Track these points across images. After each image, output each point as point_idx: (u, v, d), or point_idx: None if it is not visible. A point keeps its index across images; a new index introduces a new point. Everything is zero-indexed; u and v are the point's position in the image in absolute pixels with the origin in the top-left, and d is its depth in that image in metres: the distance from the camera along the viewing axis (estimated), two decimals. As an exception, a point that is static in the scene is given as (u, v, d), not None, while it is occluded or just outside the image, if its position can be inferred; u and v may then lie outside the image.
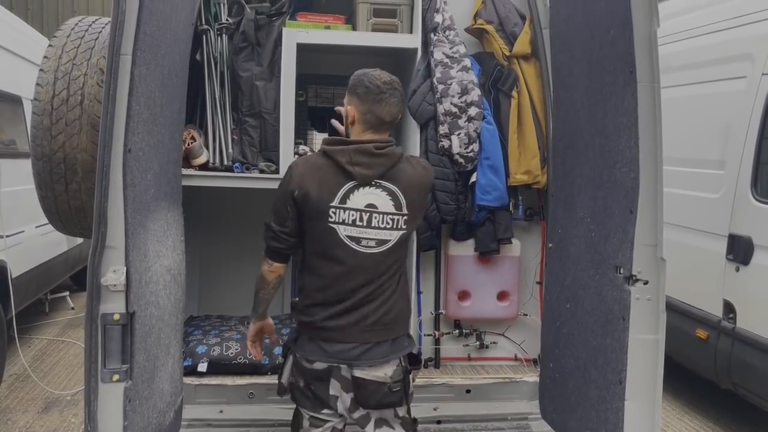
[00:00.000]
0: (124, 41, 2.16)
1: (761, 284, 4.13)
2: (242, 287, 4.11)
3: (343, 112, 2.55)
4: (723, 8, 4.69)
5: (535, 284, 3.70)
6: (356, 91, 2.50)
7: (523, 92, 3.52)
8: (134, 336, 2.26)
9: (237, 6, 3.50)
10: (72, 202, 2.86)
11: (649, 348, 2.46)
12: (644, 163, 2.44)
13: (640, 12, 2.41)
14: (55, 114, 2.74)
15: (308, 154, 2.75)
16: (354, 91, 2.51)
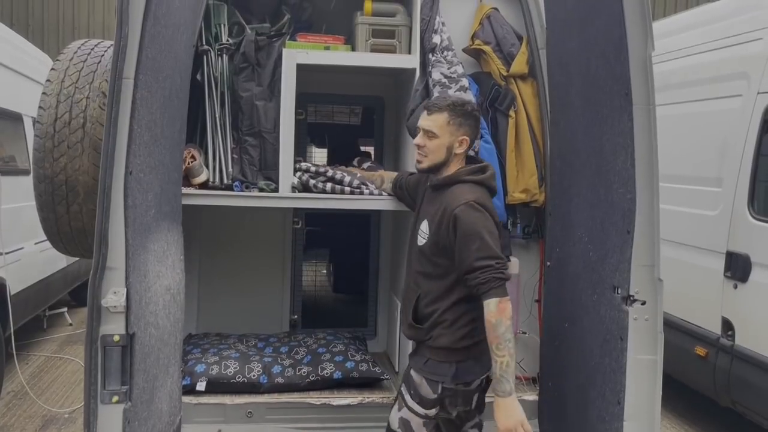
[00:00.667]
0: (126, 65, 2.19)
1: (759, 302, 4.14)
2: (241, 305, 4.14)
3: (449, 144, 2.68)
4: (718, 27, 4.74)
5: (533, 302, 3.70)
6: (468, 122, 2.70)
7: (520, 112, 3.55)
8: (134, 357, 2.27)
9: (237, 27, 3.54)
10: (73, 224, 2.88)
11: (648, 368, 2.47)
12: (641, 183, 2.46)
13: (635, 35, 2.45)
14: (57, 136, 2.78)
15: (465, 188, 2.64)
16: (465, 122, 2.69)
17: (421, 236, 2.72)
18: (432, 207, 2.73)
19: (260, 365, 3.46)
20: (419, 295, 2.72)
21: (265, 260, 4.18)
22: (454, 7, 3.60)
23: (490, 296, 2.46)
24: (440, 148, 2.70)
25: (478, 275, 2.47)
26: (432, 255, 2.67)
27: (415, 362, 2.75)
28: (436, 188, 2.77)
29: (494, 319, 2.45)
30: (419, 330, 2.71)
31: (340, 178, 3.42)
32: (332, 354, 3.61)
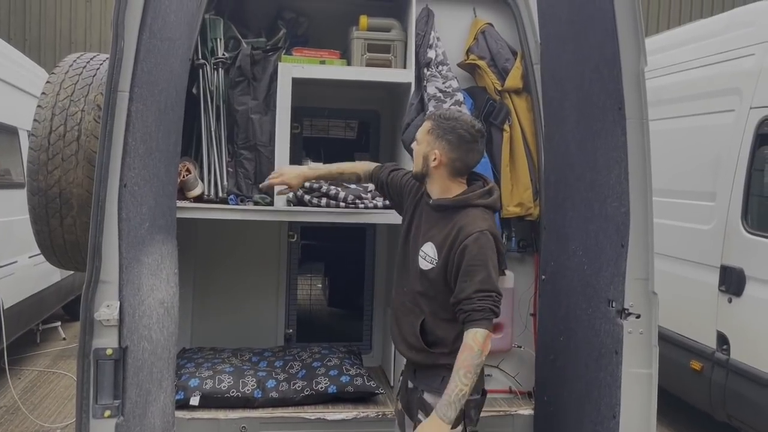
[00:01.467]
0: (122, 79, 2.20)
1: (754, 315, 4.15)
2: (236, 319, 4.12)
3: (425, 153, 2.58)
4: (710, 43, 4.79)
5: (528, 316, 3.70)
6: (447, 137, 2.54)
7: (514, 126, 3.57)
8: (127, 371, 2.26)
9: (233, 41, 3.56)
10: (67, 237, 2.87)
11: (643, 382, 2.47)
12: (635, 197, 2.47)
13: (628, 51, 2.47)
14: (51, 149, 2.77)
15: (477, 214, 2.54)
16: (444, 136, 2.54)
17: (426, 260, 2.58)
18: (438, 231, 2.59)
19: (254, 380, 3.44)
20: (424, 318, 2.61)
21: (260, 274, 4.17)
22: (449, 23, 3.64)
23: (481, 325, 2.39)
24: (419, 156, 2.62)
25: (476, 302, 2.40)
26: (438, 281, 2.55)
27: (427, 384, 2.60)
28: (440, 209, 2.62)
29: (477, 348, 2.36)
30: (431, 354, 2.58)
31: (335, 194, 3.43)
32: (327, 368, 3.60)
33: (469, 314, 2.41)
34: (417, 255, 2.63)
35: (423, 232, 2.66)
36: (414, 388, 2.70)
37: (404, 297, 2.71)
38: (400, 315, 2.74)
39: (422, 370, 2.66)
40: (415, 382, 2.69)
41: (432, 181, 2.62)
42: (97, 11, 10.80)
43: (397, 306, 2.77)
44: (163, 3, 2.39)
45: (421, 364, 2.65)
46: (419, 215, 2.72)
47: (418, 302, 2.63)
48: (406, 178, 2.87)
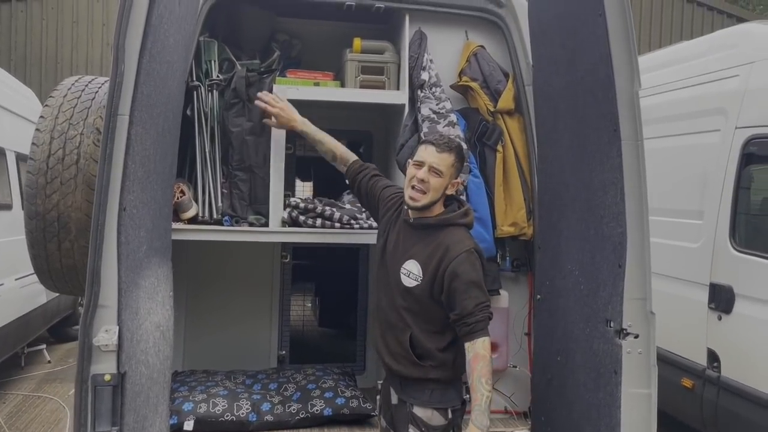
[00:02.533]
0: (122, 102, 2.19)
1: (744, 333, 4.19)
2: (228, 341, 4.08)
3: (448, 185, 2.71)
4: (695, 64, 4.88)
5: (523, 335, 3.71)
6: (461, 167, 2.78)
7: (507, 146, 3.60)
8: (125, 397, 2.23)
9: (227, 63, 3.57)
10: (64, 261, 2.84)
11: (642, 402, 2.48)
12: (631, 218, 2.50)
13: (622, 73, 2.51)
14: (50, 173, 2.75)
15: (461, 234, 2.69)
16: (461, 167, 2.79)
17: (410, 277, 2.66)
18: (420, 248, 2.67)
19: (249, 403, 3.41)
20: (411, 332, 2.67)
21: (252, 295, 4.15)
22: (442, 45, 3.68)
23: (484, 334, 2.55)
24: (441, 188, 2.68)
25: (477, 314, 2.55)
26: (423, 297, 2.64)
27: (416, 398, 2.67)
28: (423, 227, 2.70)
29: (488, 354, 2.54)
30: (421, 367, 2.65)
31: (330, 215, 3.43)
32: (322, 390, 3.57)
33: (473, 326, 2.54)
34: (398, 272, 2.70)
35: (403, 249, 2.73)
36: (401, 402, 2.74)
37: (388, 312, 2.77)
38: (385, 329, 2.79)
39: (410, 383, 2.71)
40: (402, 396, 2.73)
41: (437, 205, 2.73)
42: (83, 32, 10.78)
43: (381, 321, 2.82)
44: (163, 26, 2.40)
45: (409, 377, 2.70)
46: (397, 232, 2.80)
47: (403, 317, 2.70)
48: (387, 193, 2.96)
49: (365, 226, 3.45)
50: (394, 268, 2.73)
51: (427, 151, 2.69)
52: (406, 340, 2.67)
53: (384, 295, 2.79)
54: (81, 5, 10.81)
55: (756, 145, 4.25)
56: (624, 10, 2.51)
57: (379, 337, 2.82)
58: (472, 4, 3.60)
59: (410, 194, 2.67)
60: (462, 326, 2.56)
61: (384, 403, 2.89)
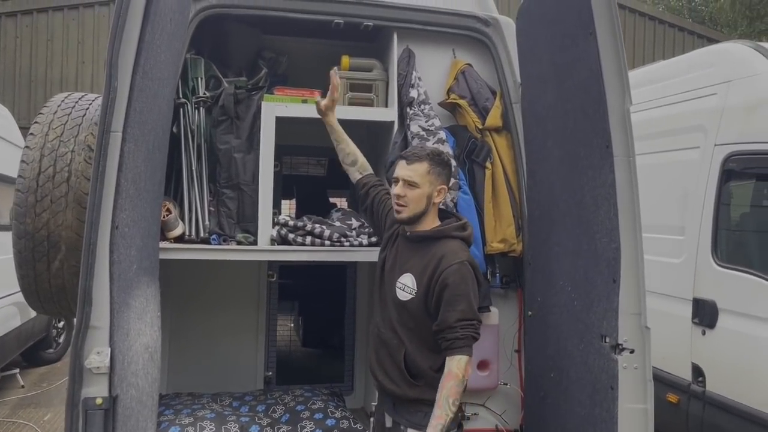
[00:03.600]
0: (115, 119, 2.16)
1: (728, 347, 4.23)
2: (213, 363, 4.01)
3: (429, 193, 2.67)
4: (675, 83, 4.97)
5: (513, 352, 3.70)
6: (446, 171, 2.73)
7: (496, 163, 3.62)
8: (116, 421, 2.16)
9: (214, 80, 3.54)
10: (53, 281, 2.76)
11: (639, 418, 2.48)
12: (624, 233, 2.53)
13: (613, 90, 2.55)
14: (40, 191, 2.68)
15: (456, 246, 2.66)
16: (443, 171, 2.71)
17: (405, 291, 2.64)
18: (416, 261, 2.66)
19: (237, 425, 3.34)
20: (406, 350, 2.63)
21: (238, 315, 4.09)
22: (430, 63, 3.69)
23: (464, 352, 2.48)
24: (421, 198, 2.66)
25: (458, 330, 2.49)
26: (418, 311, 2.61)
27: (409, 420, 2.62)
28: (417, 240, 2.71)
29: (462, 374, 2.46)
30: (415, 387, 2.62)
31: (320, 232, 3.39)
32: (311, 411, 3.52)
33: (452, 342, 2.49)
34: (394, 287, 2.68)
35: (400, 263, 2.72)
36: (395, 425, 2.70)
37: (383, 329, 2.74)
38: (379, 347, 2.76)
39: (403, 404, 2.67)
40: (395, 418, 2.70)
41: (427, 217, 2.71)
42: (58, 49, 10.66)
43: (375, 338, 2.79)
44: (155, 42, 2.37)
45: (402, 397, 2.66)
46: (395, 248, 2.79)
47: (398, 334, 2.67)
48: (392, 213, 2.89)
49: (355, 244, 3.42)
50: (390, 284, 2.71)
51: (399, 166, 2.72)
52: (401, 358, 2.64)
53: (380, 312, 2.77)
54: (56, 23, 10.70)
55: (735, 161, 4.33)
56: (614, 28, 2.55)
57: (373, 355, 2.79)
58: (460, 23, 3.62)
59: (395, 209, 2.72)
60: (442, 340, 2.53)
61: (377, 424, 2.86)
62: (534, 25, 3.16)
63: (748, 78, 4.30)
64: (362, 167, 3.14)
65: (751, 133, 4.19)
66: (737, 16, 17.45)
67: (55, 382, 7.03)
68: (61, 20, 10.72)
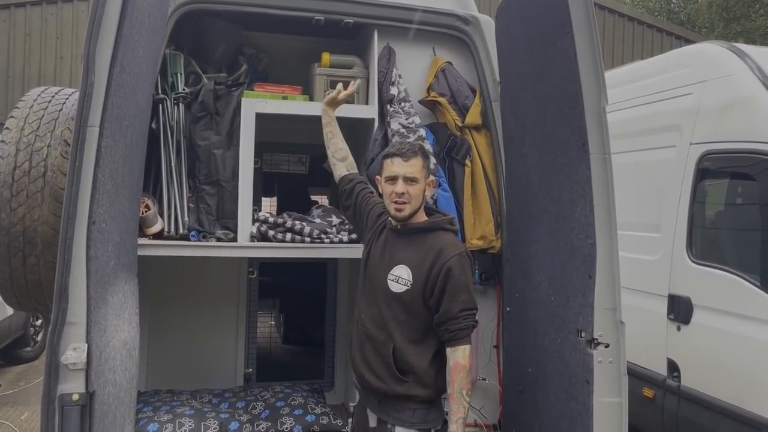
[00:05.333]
0: (92, 113, 2.15)
1: (702, 342, 4.30)
2: (192, 359, 3.99)
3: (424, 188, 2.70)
4: (651, 83, 5.04)
5: (492, 348, 3.73)
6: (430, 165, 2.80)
7: (475, 161, 3.65)
8: (93, 417, 2.15)
9: (194, 76, 3.53)
10: (29, 277, 2.73)
11: (614, 411, 2.52)
12: (600, 229, 2.56)
13: (589, 89, 2.58)
14: (15, 186, 2.65)
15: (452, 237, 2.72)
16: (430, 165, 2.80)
17: (398, 282, 2.62)
18: (410, 253, 2.65)
19: (216, 422, 3.33)
20: (394, 345, 2.61)
21: (217, 312, 4.08)
22: (410, 60, 3.71)
23: (466, 342, 2.55)
24: (420, 193, 2.68)
25: (461, 321, 2.54)
26: (412, 303, 2.60)
27: (397, 418, 2.61)
28: (410, 233, 2.69)
29: (468, 364, 2.53)
30: (404, 383, 2.59)
31: (300, 229, 3.40)
32: (291, 408, 3.52)
33: (455, 333, 2.54)
34: (385, 279, 2.66)
35: (390, 256, 2.70)
36: (381, 423, 2.66)
37: (368, 325, 2.70)
38: (363, 344, 2.72)
39: (390, 401, 2.64)
40: (382, 416, 2.66)
41: (421, 210, 2.74)
42: (36, 45, 10.52)
43: (360, 335, 2.74)
44: (133, 37, 2.36)
45: (389, 394, 2.62)
46: (382, 242, 2.78)
47: (387, 328, 2.64)
48: (376, 210, 2.92)
49: (335, 241, 3.43)
50: (380, 277, 2.69)
51: (395, 164, 2.68)
52: (389, 353, 2.60)
53: (366, 307, 2.73)
54: (34, 18, 10.55)
55: (710, 160, 4.40)
56: (591, 28, 2.59)
57: (357, 352, 2.74)
58: (440, 21, 3.64)
59: (394, 208, 2.67)
60: (444, 332, 2.55)
61: (358, 423, 2.81)
62: (513, 23, 3.19)
63: (723, 78, 4.38)
64: (350, 165, 3.14)
65: (726, 133, 4.27)
66: (714, 18, 17.71)
67: (33, 380, 6.94)
68: (40, 15, 10.58)
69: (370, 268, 2.76)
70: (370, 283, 2.74)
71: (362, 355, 2.71)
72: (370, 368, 2.66)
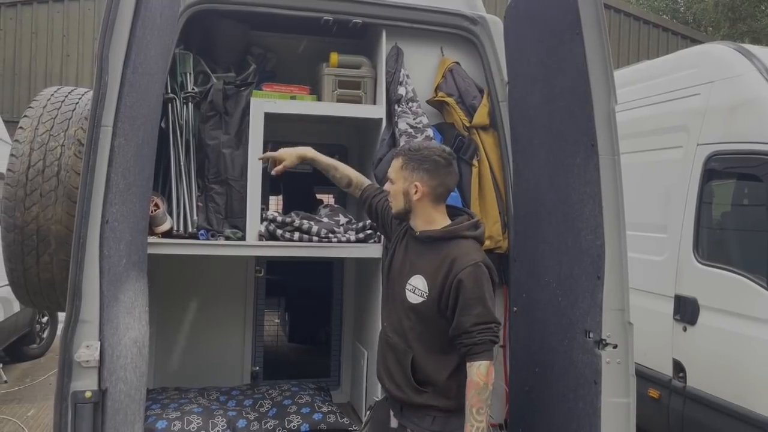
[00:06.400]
0: (105, 113, 2.16)
1: (708, 343, 4.30)
2: (200, 358, 4.02)
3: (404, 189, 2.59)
4: (659, 83, 5.04)
5: (498, 348, 3.74)
6: (423, 167, 2.57)
7: (483, 161, 3.65)
8: (105, 414, 2.17)
9: (203, 76, 3.55)
10: (42, 275, 2.75)
11: (622, 411, 2.53)
12: (609, 230, 2.57)
13: (599, 90, 2.59)
14: (29, 185, 2.67)
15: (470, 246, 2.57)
16: (420, 167, 2.57)
17: (415, 293, 2.54)
18: (427, 262, 2.57)
19: (224, 420, 3.35)
20: (413, 356, 2.54)
21: (225, 310, 4.10)
22: (418, 61, 3.72)
23: (483, 358, 2.41)
24: (398, 194, 2.62)
25: (476, 335, 2.42)
26: (430, 314, 2.52)
27: (417, 424, 2.55)
28: (428, 240, 2.60)
29: (482, 381, 2.38)
30: (422, 394, 2.53)
31: (308, 228, 3.41)
32: (298, 406, 3.54)
33: (470, 348, 2.42)
34: (404, 289, 2.59)
35: (410, 265, 2.62)
36: (401, 427, 2.64)
37: (390, 334, 2.65)
38: (386, 353, 2.67)
39: (411, 409, 2.59)
40: (402, 421, 2.63)
41: (416, 214, 2.63)
42: (43, 43, 10.57)
43: (383, 343, 2.70)
44: (146, 38, 2.38)
45: (410, 403, 2.58)
46: (404, 248, 2.69)
47: (407, 338, 2.57)
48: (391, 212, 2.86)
49: (343, 240, 3.45)
50: (399, 286, 2.62)
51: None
52: (408, 363, 2.55)
53: (387, 315, 2.69)
54: (40, 16, 10.60)
55: (717, 161, 4.40)
56: (600, 28, 2.59)
57: (380, 361, 2.70)
58: (448, 21, 3.65)
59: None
60: (460, 345, 2.46)
61: (377, 423, 2.76)
62: (521, 24, 3.19)
63: (730, 79, 4.38)
64: (358, 184, 3.04)
65: (733, 134, 4.27)
66: (720, 18, 17.67)
67: (39, 377, 6.98)
68: (46, 13, 10.62)
69: (392, 275, 2.70)
70: (391, 292, 2.68)
71: (384, 363, 2.67)
72: (391, 377, 2.61)
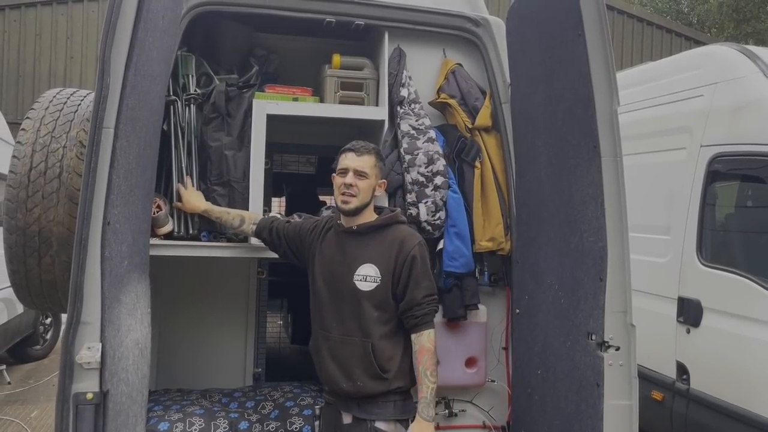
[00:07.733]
0: (107, 115, 2.16)
1: (712, 345, 4.29)
2: (202, 359, 4.01)
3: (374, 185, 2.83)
4: (663, 84, 5.03)
5: (501, 350, 3.73)
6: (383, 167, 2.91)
7: (485, 162, 3.65)
8: (107, 416, 2.17)
9: (205, 77, 3.54)
10: (44, 276, 2.76)
11: (624, 414, 2.53)
12: (611, 232, 2.57)
13: (601, 91, 2.59)
14: (31, 187, 2.68)
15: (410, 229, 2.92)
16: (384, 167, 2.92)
17: (367, 281, 2.73)
18: (371, 250, 2.77)
19: (226, 422, 3.35)
20: (372, 344, 2.71)
21: (227, 312, 4.09)
22: (420, 62, 3.71)
23: (431, 326, 2.69)
24: (369, 189, 2.81)
25: (425, 306, 2.69)
26: (383, 297, 2.72)
27: (379, 414, 2.71)
28: (370, 231, 2.81)
29: (433, 346, 2.67)
30: (385, 380, 2.71)
31: (310, 228, 3.41)
32: (300, 408, 3.53)
33: (421, 318, 2.69)
34: (352, 281, 2.75)
35: (352, 258, 2.80)
36: (357, 421, 2.76)
37: (338, 332, 2.79)
38: (338, 352, 2.79)
39: (370, 400, 2.73)
40: (360, 415, 2.75)
41: (367, 209, 2.84)
42: (46, 45, 10.60)
43: (329, 347, 2.82)
44: (148, 40, 2.38)
45: (370, 394, 2.72)
46: (334, 247, 2.86)
47: (362, 328, 2.74)
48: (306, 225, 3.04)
49: (345, 242, 3.44)
50: (346, 280, 2.77)
51: (347, 158, 2.82)
52: (369, 352, 2.70)
53: (333, 316, 2.81)
54: (44, 18, 10.63)
55: (720, 162, 4.40)
56: (603, 30, 2.59)
57: (330, 363, 2.80)
58: (450, 23, 3.65)
59: (341, 200, 2.79)
60: (410, 318, 2.68)
61: (328, 425, 2.92)
62: (524, 25, 3.19)
63: (734, 80, 4.37)
64: (250, 219, 3.20)
65: (736, 135, 4.26)
66: (724, 19, 17.63)
67: (42, 378, 7.00)
68: (50, 15, 10.65)
69: (332, 275, 2.83)
70: (336, 289, 2.81)
71: (338, 364, 2.78)
72: (349, 375, 2.74)
